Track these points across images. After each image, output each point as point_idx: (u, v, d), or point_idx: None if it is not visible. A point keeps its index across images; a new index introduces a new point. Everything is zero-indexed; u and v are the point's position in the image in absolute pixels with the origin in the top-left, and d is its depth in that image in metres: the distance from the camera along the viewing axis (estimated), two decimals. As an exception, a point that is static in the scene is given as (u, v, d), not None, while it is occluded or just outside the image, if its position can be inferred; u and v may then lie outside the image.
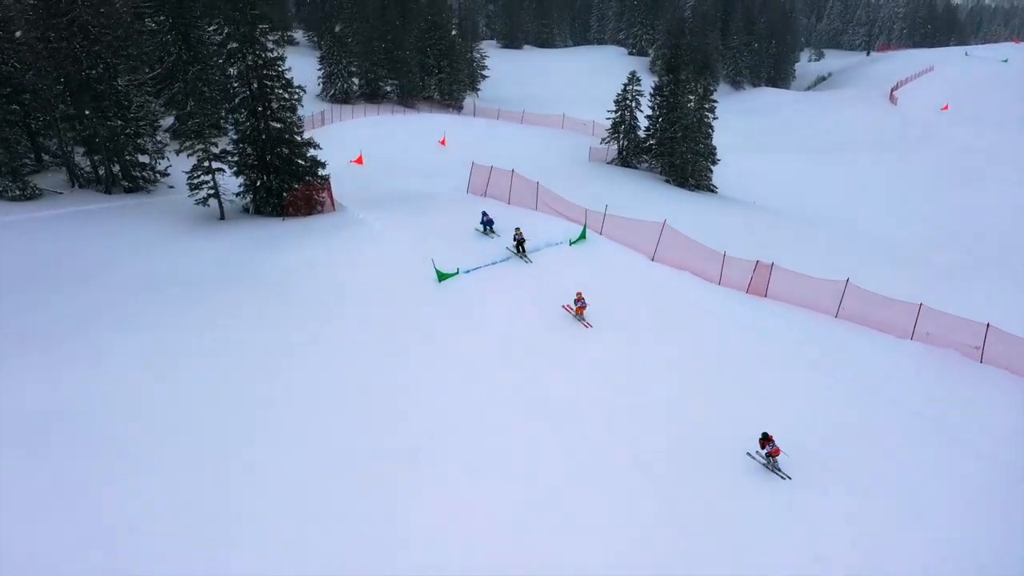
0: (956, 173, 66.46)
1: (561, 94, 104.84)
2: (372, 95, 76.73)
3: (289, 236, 30.88)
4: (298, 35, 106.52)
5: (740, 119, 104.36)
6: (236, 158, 34.88)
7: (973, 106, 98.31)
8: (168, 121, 51.45)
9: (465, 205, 33.61)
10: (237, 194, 35.43)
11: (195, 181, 33.44)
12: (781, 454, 17.49)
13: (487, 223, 30.61)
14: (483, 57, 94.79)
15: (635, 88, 58.07)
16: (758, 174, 66.10)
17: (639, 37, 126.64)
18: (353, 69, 74.80)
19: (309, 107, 72.86)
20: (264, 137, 34.56)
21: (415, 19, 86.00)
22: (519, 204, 32.20)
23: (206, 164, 33.34)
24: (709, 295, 26.21)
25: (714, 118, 55.67)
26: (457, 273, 25.73)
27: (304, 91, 36.84)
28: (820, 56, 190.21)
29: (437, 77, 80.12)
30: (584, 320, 23.33)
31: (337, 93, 73.86)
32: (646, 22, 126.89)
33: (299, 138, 35.86)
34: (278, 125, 35.03)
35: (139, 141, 38.28)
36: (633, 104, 58.68)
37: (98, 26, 35.21)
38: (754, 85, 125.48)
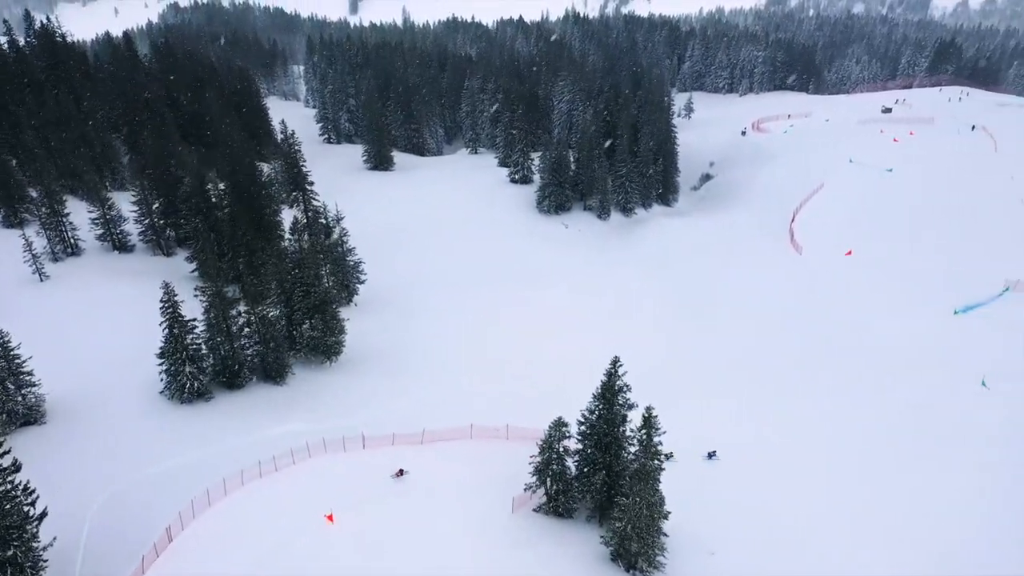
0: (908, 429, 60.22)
1: (451, 261, 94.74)
2: (232, 381, 62.56)
3: None
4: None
5: (633, 268, 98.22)
6: None
7: (873, 246, 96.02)
8: None
9: None
10: None
11: None
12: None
13: None
14: (359, 263, 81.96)
15: (562, 431, 48.34)
16: (688, 449, 56.55)
17: (520, 165, 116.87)
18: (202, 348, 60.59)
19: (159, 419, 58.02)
20: None
21: (275, 249, 72.13)
22: None
23: None
24: None
25: (661, 470, 46.19)
26: None
27: None
28: (691, 109, 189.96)
29: (308, 337, 66.73)
30: None
31: (187, 395, 59.54)
32: (526, 149, 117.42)
33: None
34: None
35: None
36: (561, 449, 48.97)
37: None
38: (644, 206, 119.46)
